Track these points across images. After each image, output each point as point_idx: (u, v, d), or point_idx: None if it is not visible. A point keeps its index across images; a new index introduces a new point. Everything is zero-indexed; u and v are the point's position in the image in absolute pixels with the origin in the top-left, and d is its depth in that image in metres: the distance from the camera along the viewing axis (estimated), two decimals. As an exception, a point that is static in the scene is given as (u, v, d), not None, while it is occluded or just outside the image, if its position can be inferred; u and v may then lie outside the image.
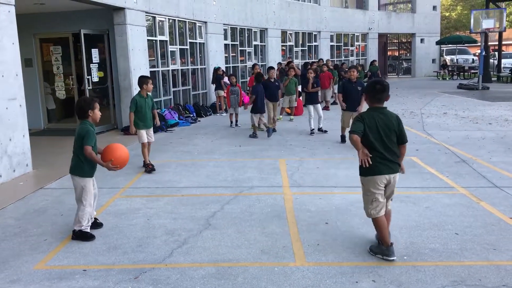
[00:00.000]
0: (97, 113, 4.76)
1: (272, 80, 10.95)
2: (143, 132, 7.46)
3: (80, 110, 4.68)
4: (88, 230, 4.74)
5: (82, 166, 4.68)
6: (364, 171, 4.16)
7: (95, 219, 5.01)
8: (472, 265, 3.99)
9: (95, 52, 11.62)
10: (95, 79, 11.67)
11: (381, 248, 4.18)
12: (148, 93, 7.47)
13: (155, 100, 12.82)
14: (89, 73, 11.39)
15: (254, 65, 14.58)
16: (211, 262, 4.15)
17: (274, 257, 4.24)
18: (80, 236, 4.67)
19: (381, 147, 4.08)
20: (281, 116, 12.54)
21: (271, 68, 11.49)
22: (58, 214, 5.55)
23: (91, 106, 4.67)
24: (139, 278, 3.86)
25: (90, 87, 11.41)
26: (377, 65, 22.56)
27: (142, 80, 7.34)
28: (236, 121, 12.17)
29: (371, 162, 4.06)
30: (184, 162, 8.14)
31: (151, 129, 7.63)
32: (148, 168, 7.45)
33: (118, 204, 5.86)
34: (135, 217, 5.33)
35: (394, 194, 4.35)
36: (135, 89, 11.53)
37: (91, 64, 11.53)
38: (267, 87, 10.76)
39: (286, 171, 7.33)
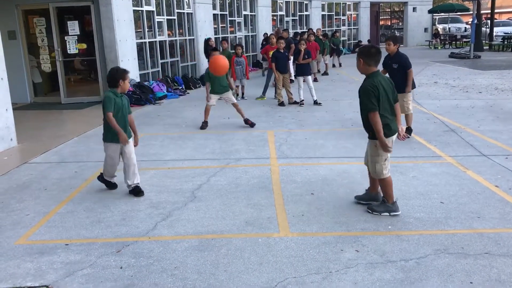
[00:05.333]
0: None
1: (282, 51, 10.77)
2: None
3: None
4: None
5: None
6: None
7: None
8: (456, 233, 4.00)
9: (72, 24, 11.51)
10: (73, 51, 11.70)
11: (386, 205, 4.38)
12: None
13: (142, 72, 12.69)
14: (60, 45, 11.59)
15: (270, 35, 13.96)
16: (195, 234, 4.12)
17: (259, 228, 4.22)
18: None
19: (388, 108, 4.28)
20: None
21: (281, 38, 11.26)
22: (42, 188, 5.48)
23: None
24: (122, 252, 3.83)
25: (60, 59, 11.70)
26: (339, 37, 20.42)
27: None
28: (243, 93, 11.88)
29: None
30: (171, 135, 8.06)
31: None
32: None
33: (103, 178, 5.79)
34: (119, 191, 5.27)
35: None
36: (121, 61, 11.35)
37: (66, 37, 11.49)
38: (277, 58, 10.61)
39: (274, 142, 7.28)
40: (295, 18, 23.61)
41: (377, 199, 4.59)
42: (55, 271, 3.57)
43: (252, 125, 8.40)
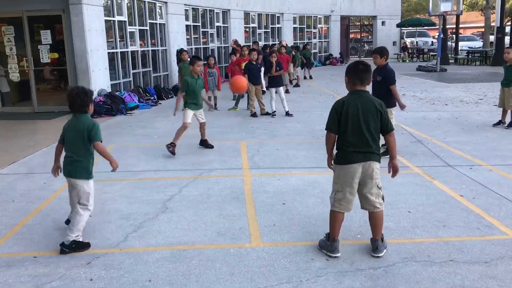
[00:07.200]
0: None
1: (254, 62, 10.82)
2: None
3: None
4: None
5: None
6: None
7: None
8: (423, 241, 4.11)
9: (45, 34, 11.48)
10: (46, 60, 11.66)
11: (325, 242, 3.92)
12: None
13: (113, 82, 12.58)
14: (33, 54, 11.57)
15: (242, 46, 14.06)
16: (166, 245, 4.12)
17: (231, 238, 4.24)
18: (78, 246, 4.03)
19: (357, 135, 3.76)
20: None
21: (253, 50, 11.30)
22: (9, 200, 5.37)
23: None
24: (92, 263, 3.79)
25: (32, 68, 11.73)
26: (310, 49, 20.37)
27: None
28: (215, 104, 11.88)
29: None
30: (143, 145, 8.01)
31: None
32: None
33: (73, 189, 5.71)
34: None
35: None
36: (92, 71, 11.25)
37: (39, 46, 11.46)
38: (250, 70, 10.64)
39: (246, 153, 7.33)
40: (267, 30, 23.87)
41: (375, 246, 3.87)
42: (23, 284, 3.51)
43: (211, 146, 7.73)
